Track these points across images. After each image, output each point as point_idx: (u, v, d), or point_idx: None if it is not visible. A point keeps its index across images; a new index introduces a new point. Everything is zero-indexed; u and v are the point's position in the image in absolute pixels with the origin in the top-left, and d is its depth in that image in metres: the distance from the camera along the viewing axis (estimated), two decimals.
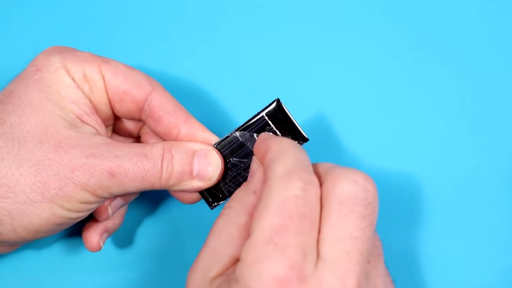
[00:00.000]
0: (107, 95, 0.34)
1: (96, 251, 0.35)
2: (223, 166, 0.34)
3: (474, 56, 0.41)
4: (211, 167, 0.33)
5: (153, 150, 0.32)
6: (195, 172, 0.33)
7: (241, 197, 0.30)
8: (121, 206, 0.36)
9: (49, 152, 0.30)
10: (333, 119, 0.40)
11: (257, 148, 0.31)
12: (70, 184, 0.30)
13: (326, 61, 0.41)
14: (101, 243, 0.35)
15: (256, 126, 0.34)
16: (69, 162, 0.30)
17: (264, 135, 0.31)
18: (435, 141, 0.40)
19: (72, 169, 0.30)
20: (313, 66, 0.41)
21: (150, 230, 0.40)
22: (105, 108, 0.34)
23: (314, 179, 0.27)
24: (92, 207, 0.32)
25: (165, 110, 0.34)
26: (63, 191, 0.30)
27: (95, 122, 0.33)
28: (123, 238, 0.40)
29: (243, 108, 0.35)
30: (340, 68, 0.41)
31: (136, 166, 0.31)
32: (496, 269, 0.38)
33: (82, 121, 0.32)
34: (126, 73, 0.33)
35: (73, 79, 0.33)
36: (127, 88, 0.33)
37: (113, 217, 0.36)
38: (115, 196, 0.34)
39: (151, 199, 0.40)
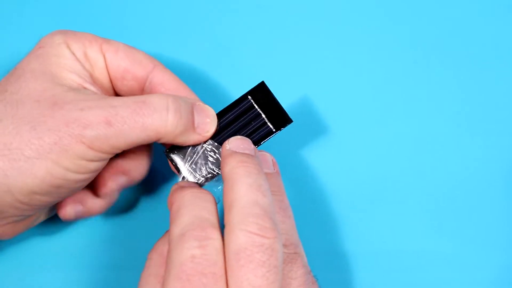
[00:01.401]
0: (108, 73, 0.34)
1: (63, 218, 0.34)
2: (217, 121, 0.34)
3: (474, 56, 0.41)
4: (209, 120, 0.33)
5: (152, 96, 0.32)
6: (196, 122, 0.33)
7: (158, 247, 0.31)
8: (126, 185, 0.35)
9: (45, 109, 0.30)
10: (319, 103, 0.41)
11: (168, 201, 0.31)
12: (65, 137, 0.30)
13: (315, 46, 0.42)
14: (72, 213, 0.34)
15: (240, 108, 0.34)
16: (63, 116, 0.30)
17: (174, 187, 0.32)
18: (430, 132, 0.40)
19: (67, 123, 0.30)
20: (302, 51, 0.42)
21: (150, 227, 0.40)
22: (106, 87, 0.35)
23: (212, 232, 0.28)
24: (92, 166, 0.31)
25: (166, 87, 0.34)
26: (58, 145, 0.30)
27: (96, 90, 0.33)
28: (121, 236, 0.40)
29: (232, 93, 0.36)
30: (328, 54, 0.42)
31: (135, 113, 0.30)
32: (495, 269, 0.38)
33: (83, 87, 0.33)
34: (127, 52, 0.34)
35: (75, 56, 0.33)
36: (128, 65, 0.34)
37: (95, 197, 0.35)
38: (121, 156, 0.34)
39: (151, 196, 0.40)
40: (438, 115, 0.40)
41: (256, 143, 0.34)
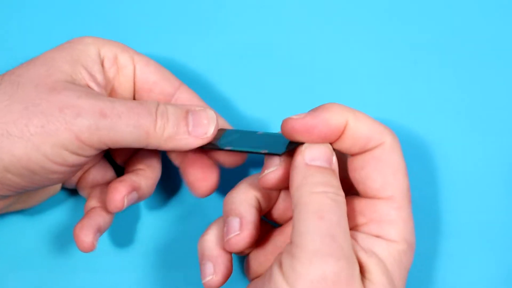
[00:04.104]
0: (134, 83, 0.35)
1: (90, 251, 0.34)
2: (217, 122, 0.33)
3: (474, 55, 0.41)
4: (207, 121, 0.33)
5: (148, 100, 0.33)
6: (190, 126, 0.32)
7: None
8: (137, 200, 0.35)
9: (42, 93, 0.30)
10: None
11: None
12: (54, 122, 0.30)
13: (317, 47, 0.41)
14: (95, 243, 0.34)
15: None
16: (59, 101, 0.30)
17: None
18: (432, 134, 0.40)
19: (61, 108, 0.30)
20: (304, 52, 0.41)
21: (147, 228, 0.39)
22: (128, 96, 0.35)
23: None
24: (71, 159, 0.31)
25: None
26: (44, 129, 0.29)
27: (100, 91, 0.33)
28: (119, 235, 0.39)
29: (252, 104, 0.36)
30: (332, 54, 0.41)
31: (131, 110, 0.31)
32: (496, 269, 0.38)
33: (87, 85, 0.33)
34: (157, 66, 0.35)
35: (102, 59, 0.34)
36: (157, 79, 0.35)
37: (107, 214, 0.35)
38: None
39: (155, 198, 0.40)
40: (438, 115, 0.40)
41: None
